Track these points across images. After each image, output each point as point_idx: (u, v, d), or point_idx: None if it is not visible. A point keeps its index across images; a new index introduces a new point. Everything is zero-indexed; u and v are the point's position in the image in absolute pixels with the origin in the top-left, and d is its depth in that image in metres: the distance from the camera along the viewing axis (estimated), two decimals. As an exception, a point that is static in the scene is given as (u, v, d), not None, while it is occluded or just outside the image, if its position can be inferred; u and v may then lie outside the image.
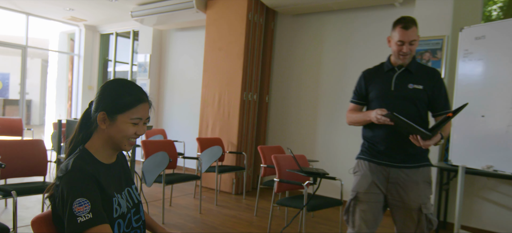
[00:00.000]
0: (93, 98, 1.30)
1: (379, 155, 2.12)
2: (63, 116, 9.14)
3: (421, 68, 2.14)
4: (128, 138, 1.27)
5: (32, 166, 3.26)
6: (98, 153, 1.27)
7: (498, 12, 4.52)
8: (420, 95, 2.05)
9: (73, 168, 1.16)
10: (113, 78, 1.31)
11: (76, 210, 1.09)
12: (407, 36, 2.01)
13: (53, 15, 7.55)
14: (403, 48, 2.04)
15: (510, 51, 2.92)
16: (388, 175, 2.09)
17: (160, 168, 3.58)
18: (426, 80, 2.07)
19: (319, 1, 4.61)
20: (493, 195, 3.82)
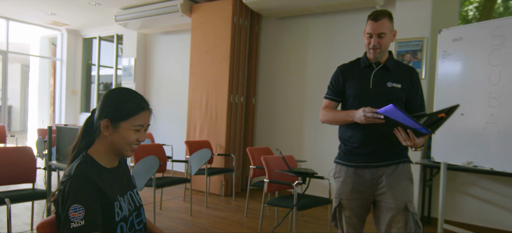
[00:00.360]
0: (96, 106, 1.35)
1: (356, 157, 2.03)
2: (45, 122, 8.99)
3: (398, 66, 2.06)
4: (130, 144, 1.32)
5: (21, 173, 3.23)
6: (101, 158, 1.32)
7: (474, 12, 4.72)
8: (398, 94, 1.98)
9: (75, 174, 1.21)
10: (115, 87, 1.36)
11: (71, 215, 1.14)
12: (375, 28, 1.93)
13: (35, 19, 7.44)
14: (371, 41, 1.96)
15: (486, 52, 3.07)
16: (370, 176, 2.01)
17: (151, 172, 3.60)
18: (404, 79, 2.00)
19: (302, 4, 4.71)
20: (474, 189, 3.98)
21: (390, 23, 1.96)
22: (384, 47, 1.97)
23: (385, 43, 1.96)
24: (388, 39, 1.96)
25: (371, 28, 1.95)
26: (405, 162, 2.03)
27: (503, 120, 2.94)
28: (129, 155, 1.35)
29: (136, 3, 5.93)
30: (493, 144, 2.99)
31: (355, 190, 2.04)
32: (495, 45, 3.01)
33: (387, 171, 1.99)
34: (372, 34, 1.95)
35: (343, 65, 2.16)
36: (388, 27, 1.95)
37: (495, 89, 3.00)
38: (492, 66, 3.03)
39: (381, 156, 1.99)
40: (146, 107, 1.35)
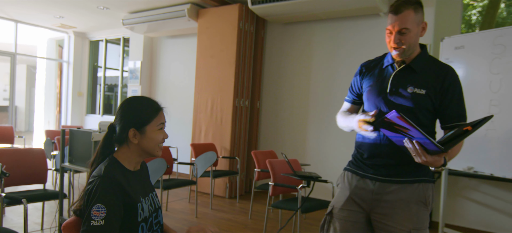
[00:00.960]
0: (113, 123, 1.45)
1: (364, 165, 1.73)
2: (51, 123, 9.11)
3: (429, 65, 1.65)
4: (158, 143, 1.44)
5: (33, 174, 3.34)
6: (126, 162, 1.42)
7: (477, 16, 4.78)
8: (421, 102, 1.59)
9: (105, 174, 1.32)
10: (126, 98, 1.46)
11: (93, 214, 1.24)
12: (395, 22, 1.56)
13: (43, 22, 7.57)
14: (391, 39, 1.59)
15: (487, 60, 3.15)
16: (373, 189, 1.68)
17: (158, 174, 3.69)
18: (432, 82, 1.60)
19: (307, 10, 4.80)
20: (475, 194, 4.05)
21: (416, 15, 1.57)
22: (409, 45, 1.58)
23: (409, 40, 1.57)
24: (413, 35, 1.57)
25: (390, 22, 1.59)
26: (422, 181, 1.64)
27: (503, 126, 3.02)
28: (159, 154, 1.47)
29: (143, 7, 6.04)
30: (493, 150, 3.07)
31: (351, 201, 1.73)
32: (496, 54, 3.09)
33: (396, 188, 1.64)
34: (391, 30, 1.59)
35: (366, 62, 1.84)
36: (412, 21, 1.55)
37: (496, 97, 3.08)
38: (493, 74, 3.10)
39: (392, 170, 1.65)
40: (161, 107, 1.47)
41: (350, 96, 1.87)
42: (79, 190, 4.98)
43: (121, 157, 1.42)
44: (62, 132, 2.85)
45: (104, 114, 8.25)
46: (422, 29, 1.62)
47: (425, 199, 1.64)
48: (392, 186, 1.65)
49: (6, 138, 6.28)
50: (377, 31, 4.74)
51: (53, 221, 3.70)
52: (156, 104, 1.46)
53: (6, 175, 2.79)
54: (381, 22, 4.73)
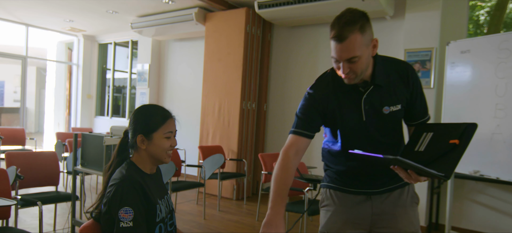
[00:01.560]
0: (127, 128, 1.53)
1: (356, 182, 1.58)
2: (61, 125, 9.25)
3: (389, 73, 1.50)
4: (165, 150, 1.49)
5: (46, 176, 3.43)
6: (142, 165, 1.49)
7: (485, 16, 4.78)
8: (398, 116, 1.52)
9: (127, 176, 1.39)
10: (139, 106, 1.53)
11: (121, 216, 1.32)
12: (341, 52, 1.34)
13: (53, 26, 7.70)
14: (340, 67, 1.39)
15: (492, 65, 3.17)
16: (372, 204, 1.57)
17: (168, 176, 3.76)
18: (401, 92, 1.50)
19: (313, 14, 4.85)
20: (481, 197, 4.06)
21: (363, 36, 1.33)
22: (360, 71, 1.39)
23: (361, 67, 1.38)
24: (364, 59, 1.37)
25: (335, 53, 1.36)
26: (408, 184, 1.59)
27: (509, 130, 3.04)
28: (167, 161, 1.52)
29: (151, 11, 6.13)
30: (499, 153, 3.09)
31: (350, 224, 1.58)
32: (502, 58, 3.11)
33: (392, 196, 1.57)
34: (338, 60, 1.37)
35: (317, 85, 1.61)
36: (361, 45, 1.33)
37: (501, 101, 3.10)
38: (499, 78, 3.12)
39: (385, 179, 1.55)
40: (170, 115, 1.53)
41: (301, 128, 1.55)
42: (91, 192, 5.08)
43: (137, 161, 1.49)
44: (75, 135, 2.93)
45: (113, 116, 8.36)
46: (373, 48, 1.40)
47: (416, 198, 1.62)
48: (388, 195, 1.56)
49: (17, 140, 6.41)
50: (384, 34, 4.77)
51: (65, 222, 3.79)
52: (165, 113, 1.52)
53: (21, 178, 2.87)
54: (387, 25, 4.76)
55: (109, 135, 2.76)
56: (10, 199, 2.37)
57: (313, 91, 1.59)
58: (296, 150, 1.52)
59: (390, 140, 1.54)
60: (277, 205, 1.35)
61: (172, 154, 1.54)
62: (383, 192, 1.56)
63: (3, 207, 2.33)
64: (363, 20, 1.34)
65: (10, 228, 2.47)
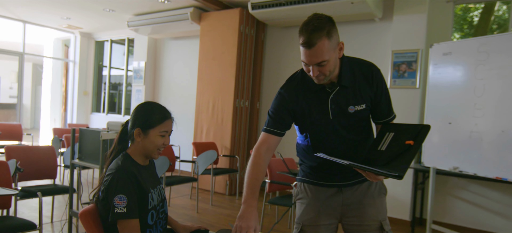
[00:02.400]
0: (128, 119, 1.67)
1: (329, 175, 1.68)
2: (57, 121, 9.34)
3: (354, 74, 1.60)
4: (158, 148, 1.63)
5: (44, 169, 3.55)
6: (136, 158, 1.63)
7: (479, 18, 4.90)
8: (363, 114, 1.61)
9: (122, 166, 1.53)
10: (143, 102, 1.67)
11: (116, 202, 1.46)
12: (310, 57, 1.44)
13: (50, 23, 7.79)
14: (310, 70, 1.49)
15: (472, 67, 3.34)
16: (342, 198, 1.68)
17: (161, 171, 3.90)
18: (366, 92, 1.59)
19: (305, 15, 4.87)
20: (464, 193, 4.24)
21: (330, 41, 1.43)
22: (330, 71, 1.50)
23: (329, 68, 1.48)
24: (332, 62, 1.48)
25: (304, 56, 1.46)
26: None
27: (486, 129, 3.20)
28: (156, 157, 1.66)
29: (148, 10, 6.25)
30: (477, 151, 3.25)
31: (324, 215, 1.68)
32: (480, 60, 3.27)
33: (361, 187, 1.68)
34: (308, 63, 1.47)
35: (287, 86, 1.71)
36: (328, 49, 1.43)
37: (480, 101, 3.26)
38: (477, 79, 3.29)
39: (352, 172, 1.64)
40: (169, 116, 1.67)
41: (272, 126, 1.66)
42: (87, 185, 5.21)
43: (132, 153, 1.63)
44: (72, 130, 3.06)
45: (109, 113, 8.47)
46: (339, 50, 1.51)
47: (384, 189, 1.73)
48: (358, 186, 1.68)
49: (14, 135, 6.51)
50: (373, 35, 4.93)
51: (63, 214, 3.92)
52: (165, 113, 1.65)
53: (21, 170, 3.00)
54: (376, 27, 4.92)
55: (105, 130, 2.90)
56: (12, 189, 2.50)
57: (283, 91, 1.69)
58: (267, 147, 1.65)
59: (356, 136, 1.64)
60: (250, 198, 1.52)
61: (166, 149, 1.69)
62: (353, 184, 1.68)
63: (5, 196, 2.46)
64: (329, 26, 1.44)
65: (11, 217, 2.60)
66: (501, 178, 3.05)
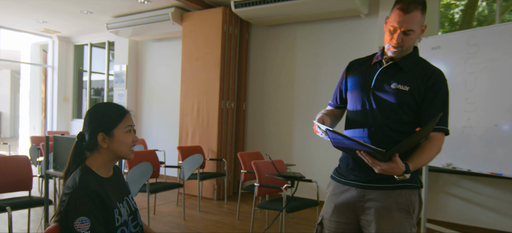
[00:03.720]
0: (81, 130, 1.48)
1: (346, 172, 1.69)
2: (37, 128, 9.01)
3: (417, 66, 1.62)
4: (129, 146, 1.48)
5: (17, 181, 3.32)
6: (98, 169, 1.45)
7: (460, 14, 4.89)
8: (404, 98, 1.56)
9: (80, 185, 1.34)
10: (91, 106, 1.52)
11: (78, 226, 1.28)
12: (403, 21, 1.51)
13: (26, 27, 7.49)
14: (394, 37, 1.55)
15: (462, 60, 3.26)
16: (355, 197, 1.64)
17: (144, 178, 3.71)
18: (417, 81, 1.57)
19: (290, 13, 4.87)
20: (456, 189, 4.17)
21: (422, 16, 1.54)
22: (407, 47, 1.57)
23: (410, 42, 1.56)
24: (415, 36, 1.55)
25: (397, 20, 1.52)
26: (406, 188, 1.58)
27: (478, 123, 3.13)
28: (131, 156, 1.50)
29: (127, 11, 6.04)
30: (470, 146, 3.17)
31: (338, 211, 1.69)
32: (470, 54, 3.20)
33: (378, 195, 1.59)
34: (397, 28, 1.53)
35: (354, 60, 1.80)
36: (418, 22, 1.53)
37: (471, 95, 3.19)
38: (468, 73, 3.21)
39: (372, 176, 1.55)
40: (127, 110, 1.52)
41: (333, 101, 1.85)
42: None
43: (93, 164, 1.45)
44: (46, 138, 2.86)
45: (91, 119, 8.18)
46: (421, 32, 1.59)
47: (409, 206, 1.57)
48: (373, 192, 1.59)
49: (-10, 145, 6.20)
50: (359, 32, 4.84)
51: (38, 227, 3.70)
52: (121, 108, 1.51)
53: (-10, 184, 2.78)
54: (362, 24, 4.83)
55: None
56: (-22, 206, 2.29)
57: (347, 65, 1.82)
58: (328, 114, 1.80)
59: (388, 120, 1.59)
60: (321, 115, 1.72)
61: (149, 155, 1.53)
62: (369, 188, 1.60)
63: (-30, 214, 2.25)
64: (424, 4, 1.55)
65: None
66: (496, 173, 2.98)
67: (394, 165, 1.38)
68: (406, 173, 1.42)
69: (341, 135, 1.41)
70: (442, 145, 1.58)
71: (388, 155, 1.35)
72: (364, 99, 1.64)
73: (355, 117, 1.68)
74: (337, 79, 1.92)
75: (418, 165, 1.48)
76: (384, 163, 1.39)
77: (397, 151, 1.37)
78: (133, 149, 1.52)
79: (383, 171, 1.40)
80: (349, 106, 1.73)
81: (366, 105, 1.63)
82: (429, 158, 1.52)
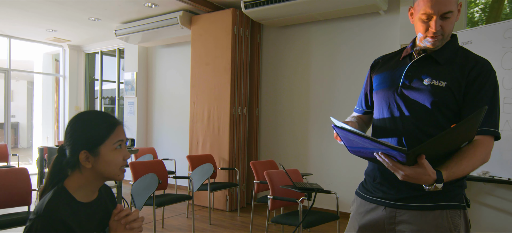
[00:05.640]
0: (62, 144, 1.23)
1: (373, 187, 1.42)
2: (50, 138, 8.95)
3: (457, 57, 1.33)
4: (119, 166, 1.21)
5: (16, 195, 3.13)
6: (77, 192, 1.20)
7: (480, 13, 4.57)
8: (441, 96, 1.28)
9: (45, 212, 1.10)
10: (76, 114, 1.25)
11: None
12: (438, 5, 1.23)
13: (36, 37, 7.42)
14: (431, 25, 1.26)
15: (497, 55, 2.91)
16: (388, 219, 1.36)
17: (150, 190, 3.47)
18: (456, 74, 1.28)
19: (303, 12, 4.59)
20: (490, 199, 3.79)
21: None
22: (448, 33, 1.30)
23: (450, 26, 1.28)
24: (454, 18, 1.28)
25: (430, 5, 1.24)
26: (447, 207, 1.30)
27: (519, 126, 2.77)
28: (121, 177, 1.24)
29: (135, 17, 5.86)
30: (509, 152, 2.82)
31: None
32: (508, 48, 2.85)
33: (412, 217, 1.31)
34: (432, 15, 1.25)
35: (380, 57, 1.55)
36: (454, 1, 1.26)
37: (510, 94, 2.84)
38: (505, 69, 2.86)
39: (404, 192, 1.32)
40: (118, 122, 1.24)
41: (359, 105, 1.60)
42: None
43: (71, 185, 1.19)
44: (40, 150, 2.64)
45: (102, 128, 8.05)
46: (458, 12, 1.31)
47: (451, 230, 1.28)
48: (405, 213, 1.31)
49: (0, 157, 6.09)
50: (378, 30, 4.52)
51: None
52: (111, 119, 1.23)
53: (-18, 200, 2.58)
54: (381, 21, 4.51)
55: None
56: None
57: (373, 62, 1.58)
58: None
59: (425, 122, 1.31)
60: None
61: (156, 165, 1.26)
62: (401, 207, 1.33)
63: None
64: None
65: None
66: (544, 183, 2.61)
67: (421, 170, 1.09)
68: (438, 183, 1.12)
69: (349, 130, 1.13)
70: (489, 152, 1.27)
71: (412, 155, 1.06)
72: (392, 100, 1.38)
73: (382, 123, 1.41)
74: (355, 82, 1.68)
75: (455, 174, 1.17)
76: (408, 167, 1.10)
77: (423, 152, 1.07)
78: (124, 168, 1.25)
79: (407, 177, 1.11)
80: (375, 110, 1.47)
81: (394, 108, 1.37)
82: (471, 167, 1.21)
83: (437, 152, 1.14)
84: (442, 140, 1.09)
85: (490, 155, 1.27)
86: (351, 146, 1.21)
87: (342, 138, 1.21)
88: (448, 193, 1.29)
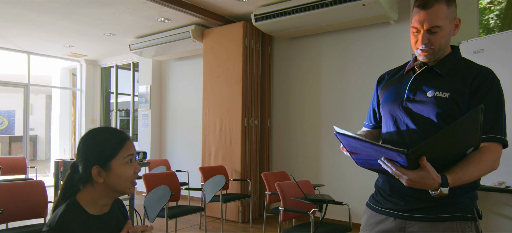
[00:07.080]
0: (75, 160, 1.27)
1: (383, 198, 1.43)
2: (67, 151, 9.13)
3: (459, 68, 1.36)
4: (130, 179, 1.26)
5: (32, 208, 3.21)
6: (89, 205, 1.24)
7: (495, 20, 4.50)
8: (445, 107, 1.29)
9: (57, 225, 1.14)
10: (87, 131, 1.30)
11: None
12: (424, 18, 1.28)
13: (54, 52, 7.64)
14: (418, 38, 1.31)
15: (510, 63, 2.87)
16: (398, 230, 1.36)
17: (162, 202, 3.51)
18: (459, 85, 1.30)
19: (313, 23, 4.61)
20: (508, 210, 3.69)
21: (448, 9, 1.30)
22: (439, 46, 1.32)
23: (440, 40, 1.31)
24: (445, 33, 1.31)
25: (418, 19, 1.30)
26: (457, 219, 1.29)
27: (534, 135, 2.71)
28: (132, 191, 1.28)
29: (148, 32, 5.99)
30: (526, 162, 2.75)
31: None
32: (521, 56, 2.81)
33: (421, 228, 1.30)
34: (419, 28, 1.31)
35: (385, 72, 1.57)
36: (445, 16, 1.29)
37: (524, 103, 2.77)
38: (519, 78, 2.82)
39: (414, 204, 1.32)
40: (127, 137, 1.29)
41: (367, 120, 1.63)
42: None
43: (84, 199, 1.23)
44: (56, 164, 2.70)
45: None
46: (455, 27, 1.36)
47: None
48: (415, 225, 1.30)
49: (18, 169, 6.24)
50: (389, 40, 4.50)
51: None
52: (121, 134, 1.28)
53: None
54: (392, 31, 4.49)
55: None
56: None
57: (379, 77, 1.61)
58: None
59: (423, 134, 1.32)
60: None
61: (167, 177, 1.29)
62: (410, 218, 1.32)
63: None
64: None
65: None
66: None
67: (424, 174, 1.08)
68: (443, 187, 1.11)
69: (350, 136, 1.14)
70: (497, 159, 1.27)
71: (412, 156, 1.05)
72: (398, 114, 1.40)
73: (389, 136, 1.43)
74: (367, 92, 1.70)
75: (462, 179, 1.15)
76: (412, 171, 1.09)
77: (422, 152, 1.07)
78: (134, 182, 1.29)
79: (411, 182, 1.10)
80: (383, 124, 1.50)
81: (400, 122, 1.39)
82: (478, 173, 1.20)
83: (440, 156, 1.13)
84: (440, 139, 1.08)
85: (498, 162, 1.26)
86: (356, 155, 1.22)
87: (345, 145, 1.23)
88: (458, 205, 1.29)
